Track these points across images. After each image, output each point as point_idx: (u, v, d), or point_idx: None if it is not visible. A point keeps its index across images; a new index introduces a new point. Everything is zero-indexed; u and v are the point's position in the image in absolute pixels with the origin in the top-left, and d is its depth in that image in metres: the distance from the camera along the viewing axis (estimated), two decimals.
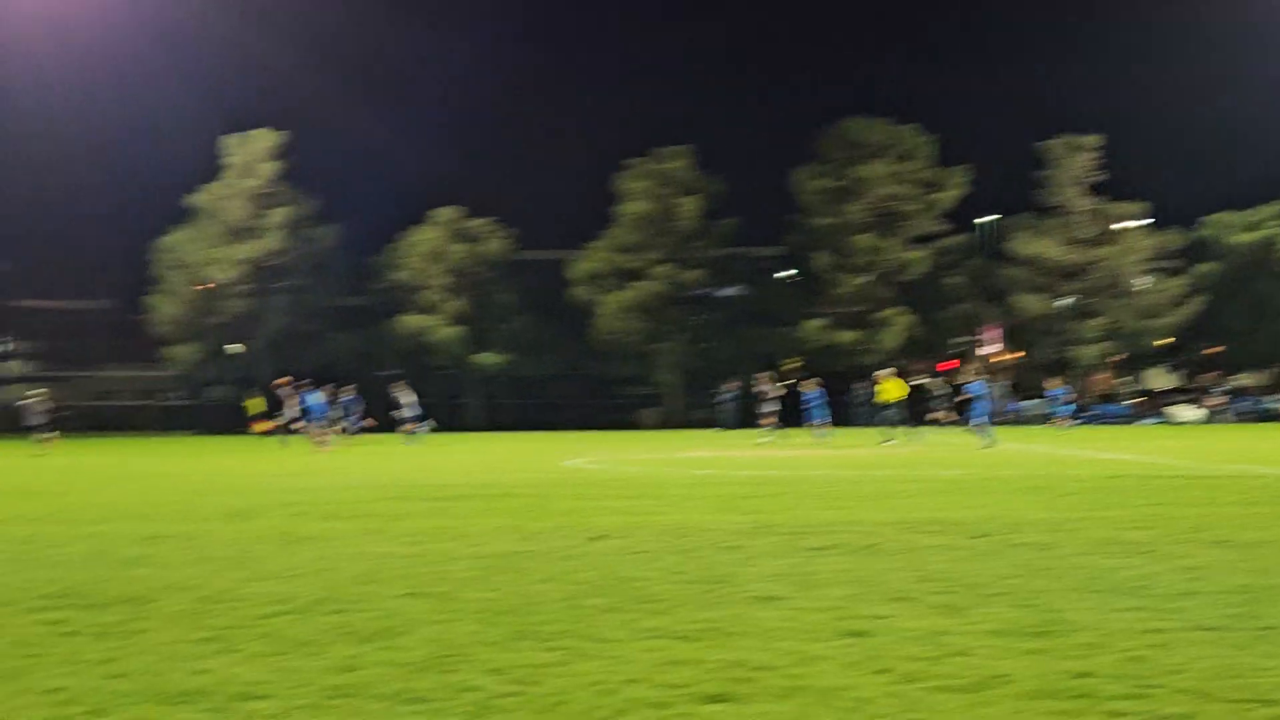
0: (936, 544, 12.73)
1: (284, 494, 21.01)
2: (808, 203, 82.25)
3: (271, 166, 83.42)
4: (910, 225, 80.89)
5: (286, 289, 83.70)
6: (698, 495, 19.58)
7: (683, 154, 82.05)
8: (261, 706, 6.41)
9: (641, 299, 79.62)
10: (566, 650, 7.65)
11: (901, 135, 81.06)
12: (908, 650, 7.53)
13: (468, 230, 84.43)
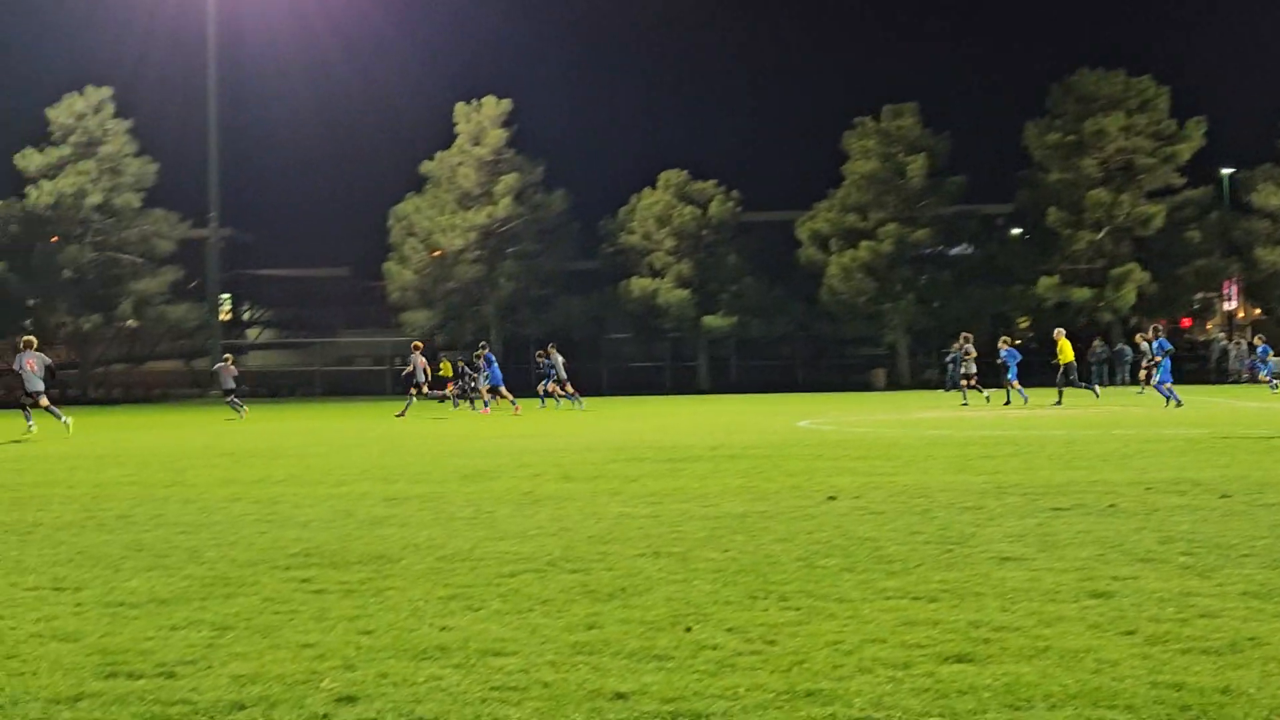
0: (1180, 504, 12.46)
1: (519, 455, 21.32)
2: (1039, 158, 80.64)
3: (500, 133, 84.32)
4: (1146, 179, 78.79)
5: (517, 254, 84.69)
6: (932, 456, 19.41)
7: (910, 111, 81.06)
8: (506, 663, 6.52)
9: (869, 259, 78.86)
10: (804, 609, 7.65)
11: (1136, 87, 78.95)
12: (1154, 612, 7.39)
13: (694, 193, 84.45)
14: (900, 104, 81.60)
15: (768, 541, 10.44)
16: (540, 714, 5.61)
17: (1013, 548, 9.84)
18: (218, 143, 76.82)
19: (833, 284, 79.84)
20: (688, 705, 5.68)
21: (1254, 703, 5.55)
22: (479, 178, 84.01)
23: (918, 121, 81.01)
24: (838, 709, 5.59)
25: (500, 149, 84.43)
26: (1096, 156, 78.16)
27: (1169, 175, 79.05)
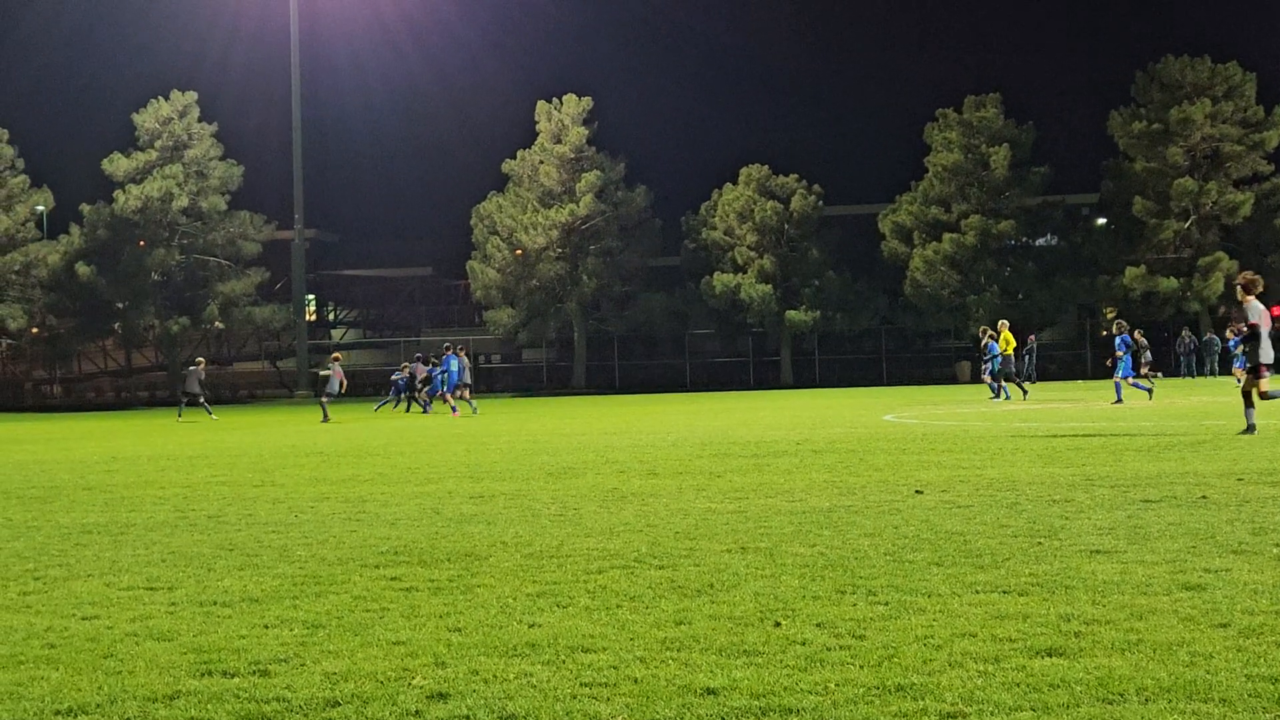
0: (1273, 495, 12.33)
1: (605, 451, 21.37)
2: (1124, 147, 79.95)
3: (581, 131, 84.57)
4: (1233, 167, 77.94)
5: (598, 252, 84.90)
6: (1019, 449, 19.29)
7: (992, 102, 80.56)
8: (596, 659, 6.54)
9: (953, 251, 78.43)
10: (893, 604, 7.63)
11: (1222, 73, 78.12)
12: (1248, 604, 7.31)
13: (775, 187, 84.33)
14: (983, 95, 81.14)
15: (855, 536, 10.42)
16: (630, 710, 5.63)
17: (1102, 540, 9.77)
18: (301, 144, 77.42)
19: (916, 277, 79.48)
20: (778, 700, 5.68)
21: None
22: (560, 175, 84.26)
23: (1000, 112, 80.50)
24: (929, 703, 5.57)
25: (581, 146, 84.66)
26: (1182, 144, 77.37)
27: (1256, 162, 78.17)
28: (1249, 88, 78.09)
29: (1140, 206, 77.61)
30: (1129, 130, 78.78)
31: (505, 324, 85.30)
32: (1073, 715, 5.34)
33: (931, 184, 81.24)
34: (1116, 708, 5.43)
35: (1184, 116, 76.53)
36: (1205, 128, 77.19)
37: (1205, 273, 76.35)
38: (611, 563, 9.44)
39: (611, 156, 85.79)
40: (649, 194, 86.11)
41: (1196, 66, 78.29)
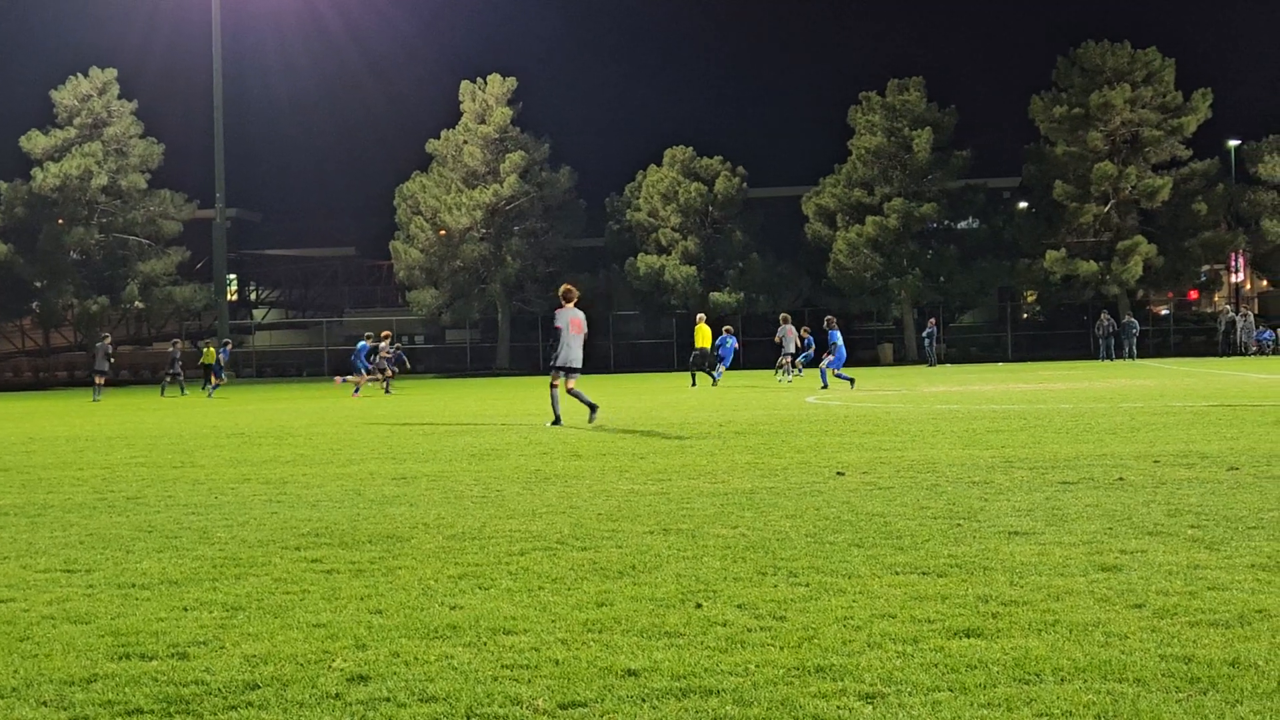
0: (1188, 477, 12.48)
1: (528, 433, 21.35)
2: (1045, 131, 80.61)
3: (505, 111, 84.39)
4: (1152, 152, 78.75)
5: (523, 232, 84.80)
6: (940, 430, 19.43)
7: (915, 86, 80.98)
8: (517, 641, 6.54)
9: (875, 234, 78.84)
10: (813, 585, 7.68)
11: (1142, 59, 78.87)
12: (1163, 585, 7.41)
13: (700, 169, 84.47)
14: (905, 78, 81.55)
15: (776, 518, 10.47)
16: (552, 691, 5.64)
17: (1021, 522, 9.87)
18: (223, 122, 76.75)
19: (839, 259, 79.86)
20: (699, 682, 5.70)
21: (1262, 674, 5.57)
22: (485, 156, 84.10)
23: (923, 96, 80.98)
24: (848, 684, 5.61)
25: (505, 127, 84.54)
26: (1102, 129, 78.13)
27: (1175, 147, 79.06)
28: (1168, 73, 78.89)
29: (1061, 190, 78.30)
30: (1050, 115, 79.43)
31: (429, 305, 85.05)
32: (989, 696, 5.39)
33: (855, 167, 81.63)
34: (1033, 688, 5.49)
35: (1104, 101, 77.24)
36: (1125, 113, 77.95)
37: (1124, 256, 77.15)
38: (534, 544, 9.45)
39: (536, 137, 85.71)
40: (573, 175, 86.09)
41: (1117, 52, 79.01)
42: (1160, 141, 78.54)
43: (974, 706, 5.26)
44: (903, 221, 78.95)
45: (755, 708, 5.33)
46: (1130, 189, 78.13)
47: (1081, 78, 79.32)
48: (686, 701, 5.45)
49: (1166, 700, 5.26)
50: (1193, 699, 5.27)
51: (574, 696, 5.56)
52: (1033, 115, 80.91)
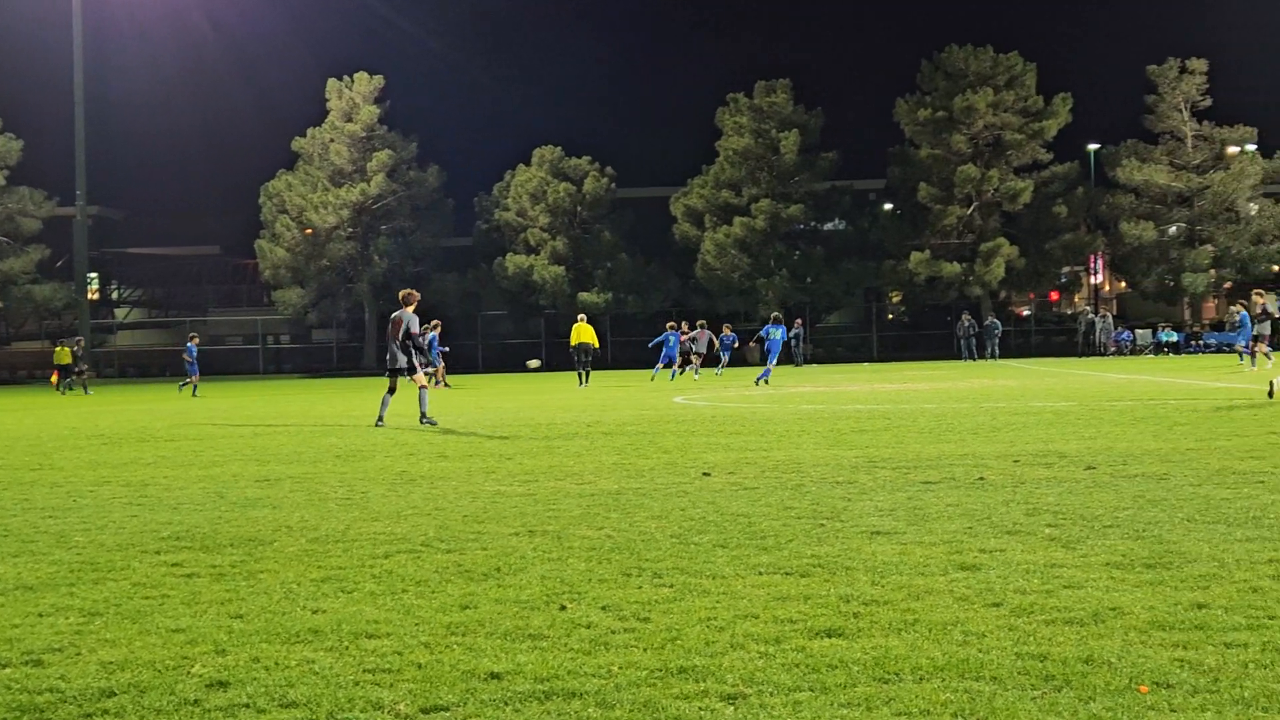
0: (1047, 476, 12.68)
1: (394, 434, 21.22)
2: (910, 134, 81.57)
3: (373, 110, 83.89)
4: (1014, 155, 79.96)
5: (390, 231, 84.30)
6: (805, 431, 19.57)
7: (782, 88, 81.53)
8: (380, 645, 6.51)
9: (743, 235, 79.29)
10: (678, 586, 7.71)
11: (1004, 63, 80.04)
12: (1020, 584, 7.52)
13: (568, 169, 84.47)
14: (773, 80, 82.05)
15: (642, 519, 10.49)
16: (414, 695, 5.61)
17: (883, 522, 9.97)
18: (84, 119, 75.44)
19: (707, 260, 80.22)
20: (561, 684, 5.70)
21: (1115, 671, 5.67)
22: (351, 154, 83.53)
23: (790, 98, 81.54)
24: (710, 685, 5.64)
25: (373, 125, 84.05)
26: (966, 132, 79.18)
27: (1036, 151, 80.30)
28: (1030, 78, 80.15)
29: (925, 192, 79.27)
30: (915, 117, 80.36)
31: (294, 304, 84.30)
32: (849, 695, 5.44)
33: (722, 168, 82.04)
34: (892, 687, 5.55)
35: (967, 105, 78.28)
36: (988, 116, 79.05)
37: (987, 258, 78.24)
38: (398, 547, 9.39)
39: (404, 136, 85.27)
40: (441, 174, 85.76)
41: (980, 56, 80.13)
42: (1022, 145, 79.74)
43: (834, 706, 5.30)
44: (770, 223, 79.49)
45: (618, 710, 5.34)
46: (993, 191, 79.26)
47: (945, 81, 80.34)
48: (549, 704, 5.45)
49: (1022, 698, 5.34)
50: (1047, 696, 5.36)
51: (436, 700, 5.54)
52: (898, 118, 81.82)
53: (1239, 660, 5.81)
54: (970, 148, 79.53)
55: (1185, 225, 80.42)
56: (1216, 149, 79.62)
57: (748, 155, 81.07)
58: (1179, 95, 79.49)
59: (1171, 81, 79.45)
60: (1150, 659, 5.87)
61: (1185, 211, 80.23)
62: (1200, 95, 79.38)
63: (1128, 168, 79.30)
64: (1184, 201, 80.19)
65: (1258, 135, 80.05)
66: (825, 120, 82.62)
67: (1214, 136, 79.57)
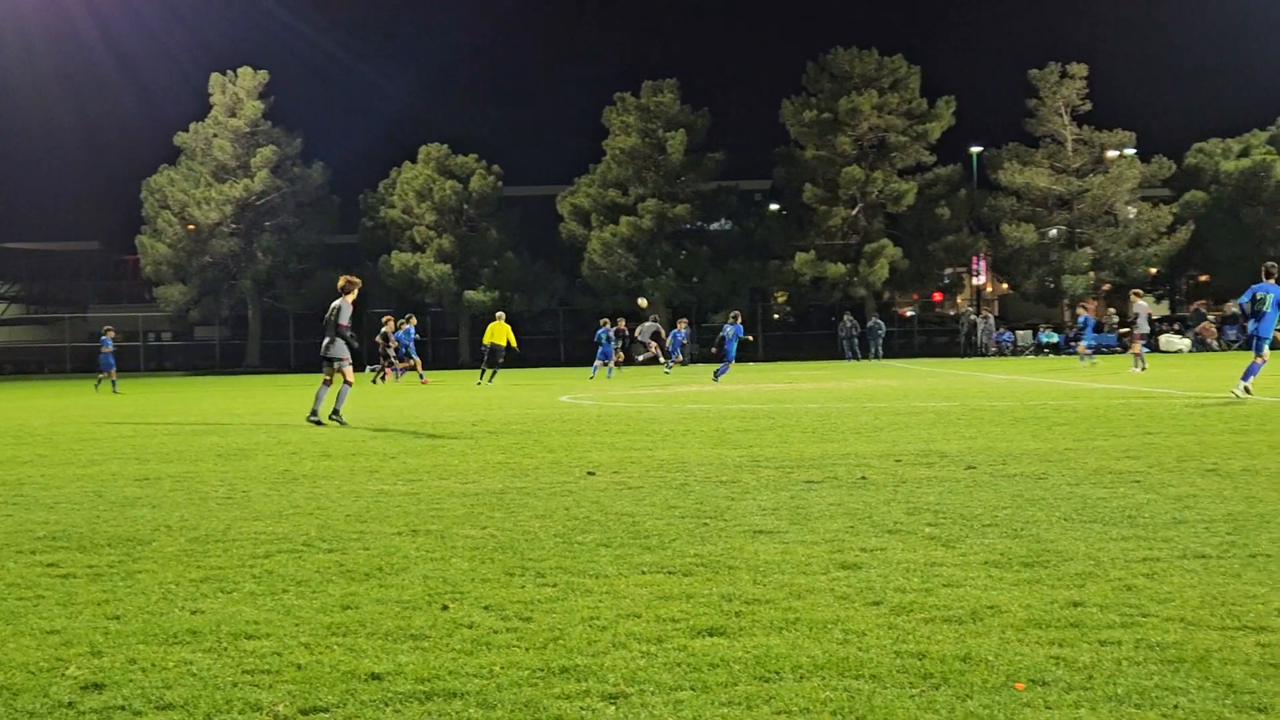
0: (928, 476, 12.80)
1: (277, 432, 21.03)
2: (796, 135, 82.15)
3: (257, 105, 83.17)
4: (898, 157, 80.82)
5: (274, 228, 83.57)
6: (690, 430, 19.62)
7: (669, 88, 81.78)
8: (259, 645, 6.45)
9: (630, 234, 79.49)
10: (561, 586, 7.70)
11: (888, 66, 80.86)
12: (900, 582, 7.59)
13: (454, 167, 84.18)
14: (660, 80, 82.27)
15: (526, 518, 10.48)
16: (293, 696, 5.56)
17: (766, 521, 10.02)
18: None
19: (593, 259, 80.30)
20: (443, 685, 5.68)
21: (992, 669, 5.73)
22: (235, 150, 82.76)
23: (677, 98, 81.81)
24: (591, 684, 5.64)
25: (257, 120, 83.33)
26: (850, 134, 79.85)
27: (920, 153, 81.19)
28: (914, 80, 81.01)
29: (810, 193, 79.86)
30: (800, 119, 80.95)
31: (176, 301, 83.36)
32: (730, 694, 5.46)
33: (609, 167, 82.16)
34: (772, 685, 5.58)
35: (852, 107, 78.97)
36: (872, 118, 79.80)
37: (871, 259, 78.97)
38: (279, 546, 9.31)
39: (288, 131, 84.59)
40: (326, 170, 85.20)
41: (864, 58, 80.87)
42: (906, 147, 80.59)
43: (715, 705, 5.32)
44: (656, 222, 79.70)
45: (499, 710, 5.33)
46: (877, 193, 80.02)
47: (831, 83, 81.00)
48: (430, 705, 5.43)
49: (900, 696, 5.39)
50: (925, 694, 5.41)
51: (315, 701, 5.50)
52: (783, 119, 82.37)
53: (1113, 658, 5.90)
54: (855, 149, 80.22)
55: (1065, 228, 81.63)
56: (1096, 153, 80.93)
57: (634, 155, 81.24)
58: (1059, 99, 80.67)
59: (1052, 85, 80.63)
60: (1027, 657, 5.94)
61: (1065, 214, 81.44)
62: (1080, 99, 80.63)
63: (1009, 170, 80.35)
64: (1064, 204, 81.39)
65: (1136, 139, 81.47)
66: (712, 120, 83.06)
67: (1093, 140, 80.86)
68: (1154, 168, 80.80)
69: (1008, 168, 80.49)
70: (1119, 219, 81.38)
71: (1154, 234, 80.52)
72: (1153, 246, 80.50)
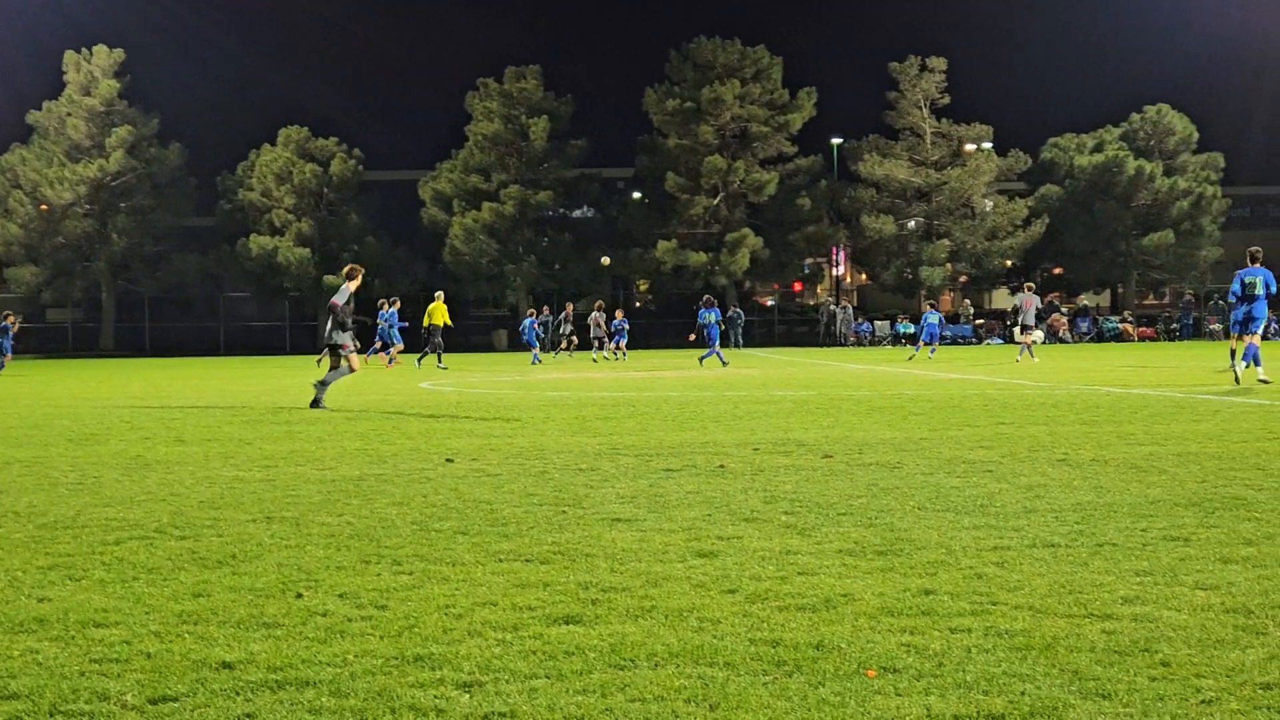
0: (785, 464, 12.90)
1: (131, 417, 20.72)
2: (659, 124, 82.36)
3: (112, 84, 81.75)
4: (760, 147, 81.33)
5: (130, 209, 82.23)
6: (550, 417, 19.61)
7: (532, 74, 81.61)
8: (108, 634, 6.34)
9: (492, 220, 79.22)
10: (417, 574, 7.67)
11: (751, 56, 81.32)
12: (756, 570, 7.64)
13: (315, 150, 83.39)
14: (523, 66, 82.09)
15: (383, 505, 10.41)
16: (142, 686, 5.47)
17: (624, 509, 10.04)
18: None
19: (455, 245, 79.95)
20: (295, 673, 5.62)
21: (845, 656, 5.79)
22: (90, 129, 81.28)
23: (540, 84, 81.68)
24: (446, 673, 5.61)
25: (112, 100, 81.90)
26: (713, 123, 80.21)
27: (782, 143, 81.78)
28: (776, 71, 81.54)
29: (673, 182, 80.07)
30: (663, 108, 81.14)
31: (28, 282, 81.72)
32: (585, 682, 5.47)
33: (472, 153, 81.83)
34: (628, 673, 5.59)
35: (715, 96, 79.30)
36: (735, 108, 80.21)
37: (733, 248, 79.39)
38: (130, 533, 9.17)
39: (145, 111, 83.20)
40: (184, 152, 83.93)
41: (728, 48, 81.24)
42: (768, 137, 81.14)
43: (570, 693, 5.32)
44: (519, 209, 79.53)
45: (352, 698, 5.29)
46: (739, 182, 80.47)
47: (694, 72, 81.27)
48: (282, 694, 5.37)
49: (754, 683, 5.42)
50: (778, 681, 5.45)
51: (165, 690, 5.41)
52: (647, 108, 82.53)
53: (962, 645, 5.98)
54: (717, 139, 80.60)
55: (923, 220, 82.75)
56: (954, 146, 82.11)
57: (497, 141, 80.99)
58: (919, 92, 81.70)
59: (912, 79, 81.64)
60: (879, 644, 6.01)
61: (924, 206, 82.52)
62: (939, 93, 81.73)
63: (869, 162, 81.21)
64: (923, 196, 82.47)
65: (993, 134, 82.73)
66: (575, 108, 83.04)
67: (952, 134, 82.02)
68: (1010, 162, 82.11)
69: (868, 160, 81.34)
70: (976, 212, 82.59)
71: (1010, 227, 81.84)
72: (1008, 239, 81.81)
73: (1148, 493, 10.55)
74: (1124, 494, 10.51)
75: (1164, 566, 7.59)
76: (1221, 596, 6.83)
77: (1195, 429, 16.11)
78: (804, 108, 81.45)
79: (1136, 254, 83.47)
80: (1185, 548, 8.18)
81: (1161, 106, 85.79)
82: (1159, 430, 15.98)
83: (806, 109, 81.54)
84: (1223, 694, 5.19)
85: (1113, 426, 16.63)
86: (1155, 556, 7.90)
